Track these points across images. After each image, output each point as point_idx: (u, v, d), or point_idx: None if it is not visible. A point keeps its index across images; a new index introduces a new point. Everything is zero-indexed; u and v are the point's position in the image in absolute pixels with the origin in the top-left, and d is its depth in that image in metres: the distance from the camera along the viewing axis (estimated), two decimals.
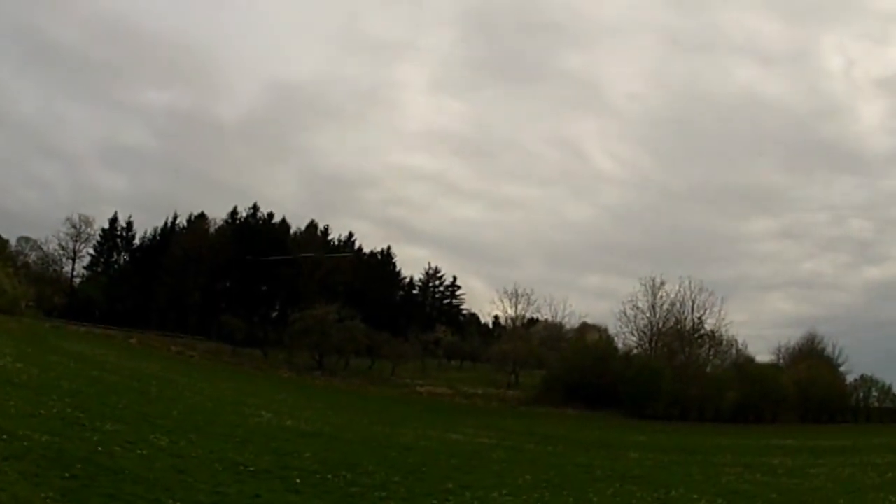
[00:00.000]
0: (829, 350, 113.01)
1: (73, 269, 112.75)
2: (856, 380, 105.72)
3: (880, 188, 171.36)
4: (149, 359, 61.03)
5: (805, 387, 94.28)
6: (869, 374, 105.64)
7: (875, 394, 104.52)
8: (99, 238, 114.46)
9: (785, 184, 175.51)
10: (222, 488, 13.20)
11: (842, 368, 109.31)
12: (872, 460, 34.94)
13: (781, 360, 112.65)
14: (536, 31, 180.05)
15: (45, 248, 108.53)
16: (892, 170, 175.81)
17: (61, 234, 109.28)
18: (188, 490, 12.29)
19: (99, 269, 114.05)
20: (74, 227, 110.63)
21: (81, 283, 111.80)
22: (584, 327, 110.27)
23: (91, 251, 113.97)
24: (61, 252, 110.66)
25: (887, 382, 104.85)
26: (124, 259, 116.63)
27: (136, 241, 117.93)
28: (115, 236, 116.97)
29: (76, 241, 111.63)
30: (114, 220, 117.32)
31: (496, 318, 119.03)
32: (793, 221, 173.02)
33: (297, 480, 15.65)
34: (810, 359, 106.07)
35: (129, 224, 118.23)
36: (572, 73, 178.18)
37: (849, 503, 19.52)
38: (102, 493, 10.85)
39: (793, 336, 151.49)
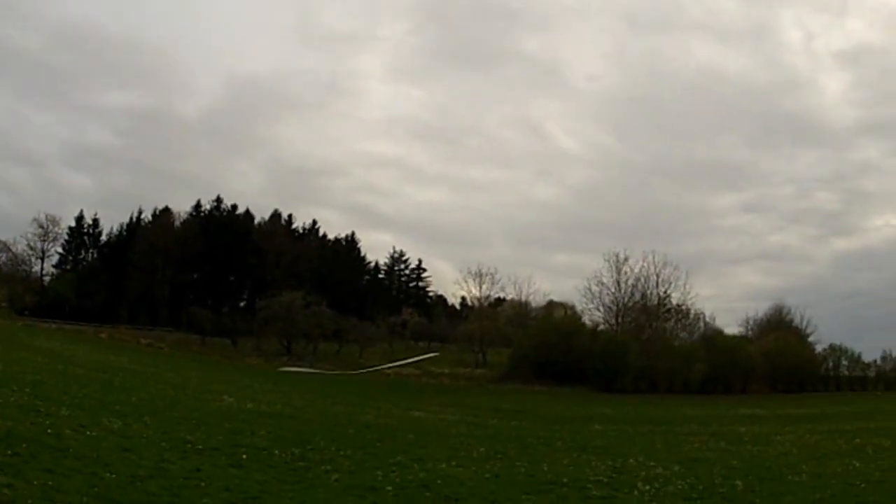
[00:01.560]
0: (797, 321, 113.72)
1: (42, 268, 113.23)
2: (825, 349, 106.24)
3: (845, 160, 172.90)
4: (118, 352, 61.15)
5: (773, 357, 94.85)
6: (838, 343, 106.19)
7: (845, 362, 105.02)
8: (66, 236, 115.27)
9: (749, 158, 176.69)
10: (164, 464, 13.43)
11: (810, 339, 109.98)
12: (841, 427, 35.21)
13: (750, 332, 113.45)
14: (493, 15, 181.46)
15: (13, 249, 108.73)
16: (856, 142, 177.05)
17: (29, 235, 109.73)
18: (129, 466, 12.55)
19: (68, 267, 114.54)
20: (42, 226, 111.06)
21: (51, 281, 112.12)
22: (551, 305, 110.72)
23: (59, 250, 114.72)
24: (30, 252, 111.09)
25: (857, 351, 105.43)
26: (92, 255, 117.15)
27: (103, 238, 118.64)
28: (82, 234, 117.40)
29: (44, 240, 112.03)
30: (80, 219, 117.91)
31: (463, 299, 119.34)
32: (758, 195, 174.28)
33: (244, 456, 15.88)
34: (778, 330, 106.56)
35: (96, 221, 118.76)
36: (531, 56, 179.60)
37: (812, 468, 19.40)
38: (41, 468, 11.12)
39: (761, 308, 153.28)
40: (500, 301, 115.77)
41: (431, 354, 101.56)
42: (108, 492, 10.10)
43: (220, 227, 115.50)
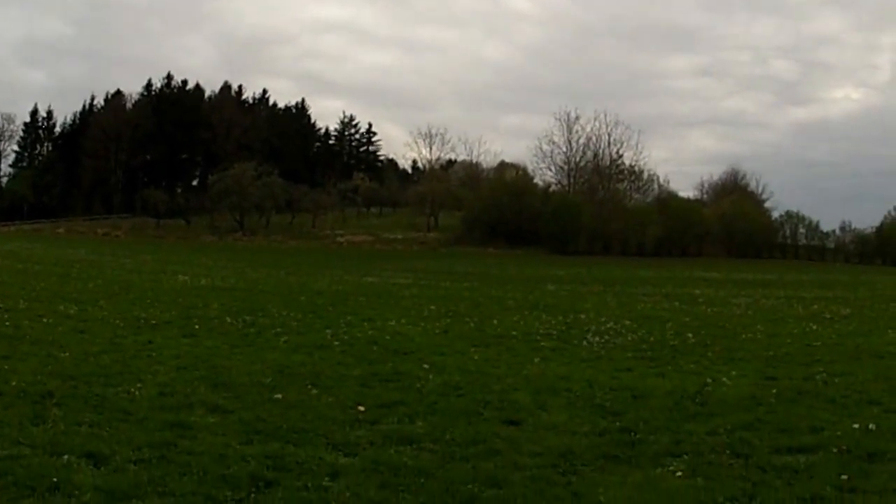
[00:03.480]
0: (752, 185, 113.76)
1: None
2: (781, 216, 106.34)
3: (804, 31, 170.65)
4: (75, 245, 61.53)
5: (729, 221, 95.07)
6: (795, 210, 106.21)
7: (802, 230, 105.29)
8: (22, 133, 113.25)
9: (704, 21, 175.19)
10: (118, 340, 13.85)
11: (767, 204, 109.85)
12: (798, 294, 35.05)
13: (705, 196, 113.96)
14: None
15: None
16: (816, 13, 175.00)
17: None
18: (83, 345, 12.95)
19: (24, 165, 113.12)
20: None
21: (8, 182, 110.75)
22: (502, 165, 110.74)
23: (15, 148, 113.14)
24: None
25: (815, 220, 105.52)
26: (47, 149, 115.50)
27: (58, 129, 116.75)
28: (36, 128, 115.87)
29: (0, 140, 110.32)
30: (34, 113, 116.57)
31: (414, 161, 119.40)
32: (713, 60, 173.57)
33: (196, 326, 16.29)
34: (734, 193, 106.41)
35: (50, 114, 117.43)
36: None
37: (768, 329, 19.05)
38: None
39: (715, 172, 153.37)
40: (451, 163, 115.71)
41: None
42: (62, 369, 10.57)
43: (170, 104, 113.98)
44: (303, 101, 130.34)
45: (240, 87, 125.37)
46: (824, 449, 7.65)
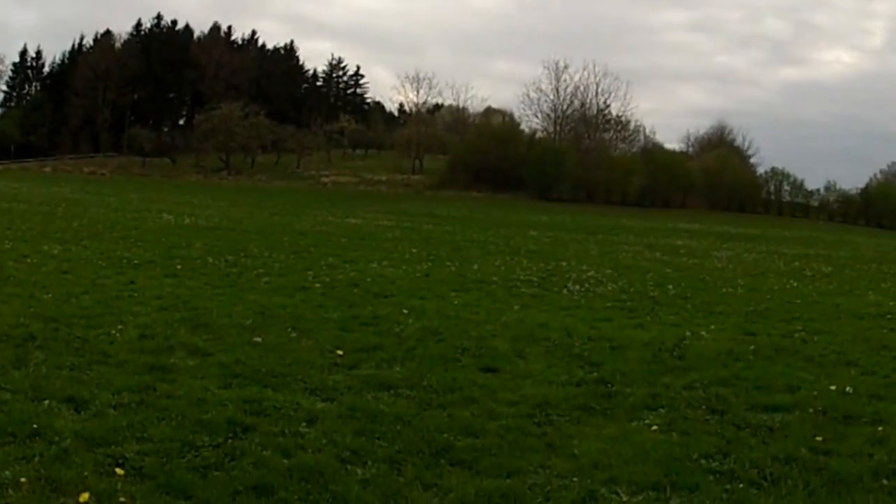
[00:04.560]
0: (739, 141, 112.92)
1: None
2: (766, 172, 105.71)
3: None
4: (61, 183, 61.05)
5: (714, 174, 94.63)
6: (781, 167, 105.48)
7: (787, 188, 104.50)
8: (10, 73, 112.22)
9: None
10: (100, 280, 13.82)
11: (752, 160, 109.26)
12: (780, 250, 35.18)
13: (690, 149, 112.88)
14: None
15: None
16: None
17: None
18: (66, 285, 12.92)
19: (13, 105, 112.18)
20: None
21: None
22: (489, 111, 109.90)
23: (3, 87, 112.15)
24: None
25: (800, 177, 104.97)
26: (36, 88, 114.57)
27: (47, 69, 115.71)
28: (25, 68, 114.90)
29: None
30: (23, 53, 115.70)
31: (401, 105, 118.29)
32: (705, 15, 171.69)
33: (178, 266, 16.31)
34: (720, 147, 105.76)
35: (39, 53, 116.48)
36: None
37: (749, 284, 19.20)
38: None
39: (703, 126, 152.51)
40: (437, 107, 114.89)
41: None
42: (44, 310, 10.54)
43: (160, 44, 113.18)
44: (291, 42, 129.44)
45: (229, 28, 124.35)
46: (800, 409, 7.69)
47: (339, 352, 9.20)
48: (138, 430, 6.19)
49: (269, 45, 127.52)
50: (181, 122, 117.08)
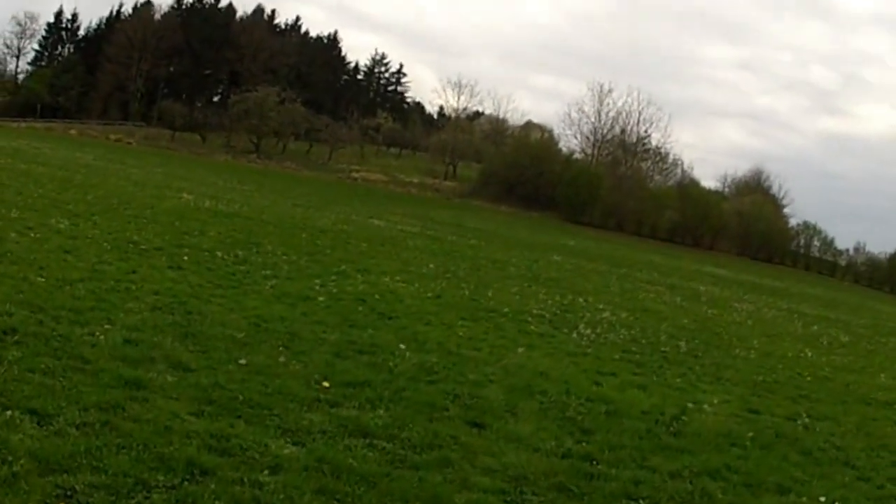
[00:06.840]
0: (774, 188, 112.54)
1: (17, 66, 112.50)
2: (798, 224, 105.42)
3: (849, 44, 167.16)
4: (84, 148, 60.53)
5: (747, 219, 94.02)
6: (813, 222, 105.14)
7: (817, 243, 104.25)
8: (44, 33, 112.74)
9: (751, 14, 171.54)
10: (101, 266, 13.41)
11: (786, 210, 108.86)
12: (801, 309, 34.42)
13: (726, 190, 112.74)
14: None
15: None
16: (864, 28, 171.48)
17: (6, 33, 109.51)
18: (64, 269, 12.52)
19: (43, 64, 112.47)
20: (20, 24, 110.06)
21: (25, 78, 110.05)
22: (528, 125, 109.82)
23: (36, 46, 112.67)
24: (6, 51, 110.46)
25: (831, 235, 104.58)
26: (69, 51, 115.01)
27: (81, 33, 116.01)
28: (60, 29, 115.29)
29: (21, 38, 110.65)
30: (59, 14, 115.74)
31: (440, 108, 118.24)
32: (755, 54, 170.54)
33: (185, 258, 15.91)
34: (755, 193, 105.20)
35: (75, 16, 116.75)
36: None
37: (763, 346, 18.64)
38: None
39: (740, 167, 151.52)
40: (477, 115, 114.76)
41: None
42: (34, 298, 10.20)
43: (200, 20, 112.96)
44: (335, 32, 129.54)
45: (273, 11, 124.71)
46: None
47: (326, 384, 8.86)
48: (95, 458, 5.89)
49: (313, 33, 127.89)
50: (215, 99, 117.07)
